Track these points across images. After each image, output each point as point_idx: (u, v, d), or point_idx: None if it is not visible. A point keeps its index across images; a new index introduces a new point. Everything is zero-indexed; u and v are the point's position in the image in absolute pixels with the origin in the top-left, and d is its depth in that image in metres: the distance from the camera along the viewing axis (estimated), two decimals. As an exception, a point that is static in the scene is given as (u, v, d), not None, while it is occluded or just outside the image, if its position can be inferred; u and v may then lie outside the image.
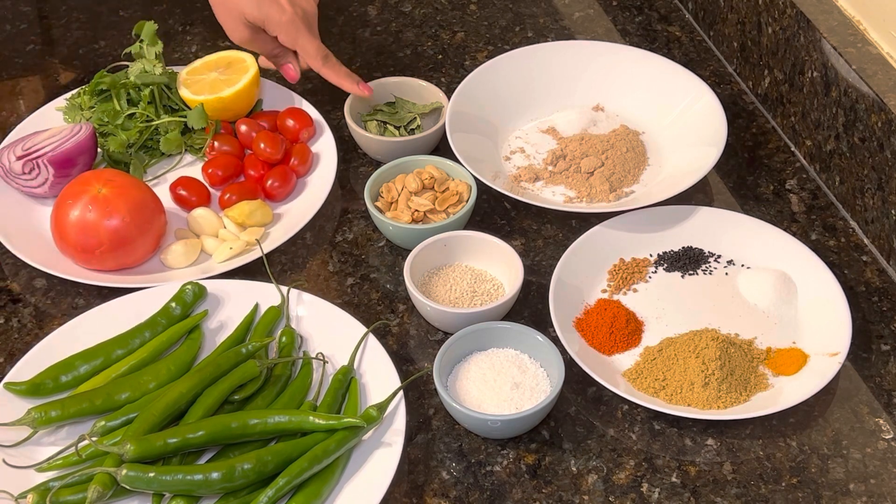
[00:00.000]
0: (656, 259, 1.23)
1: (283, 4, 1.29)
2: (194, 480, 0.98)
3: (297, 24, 1.29)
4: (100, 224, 1.18)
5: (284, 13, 1.28)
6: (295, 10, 1.29)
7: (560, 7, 1.60)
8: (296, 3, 1.30)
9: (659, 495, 1.03)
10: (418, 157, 1.29)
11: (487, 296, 1.17)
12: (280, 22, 1.29)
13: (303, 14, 1.30)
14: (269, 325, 1.14)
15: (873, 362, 1.13)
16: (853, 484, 1.03)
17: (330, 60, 1.33)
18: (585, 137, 1.35)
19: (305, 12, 1.31)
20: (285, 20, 1.29)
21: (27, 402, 1.07)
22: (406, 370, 1.14)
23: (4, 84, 1.50)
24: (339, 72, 1.33)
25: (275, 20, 1.28)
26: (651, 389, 1.09)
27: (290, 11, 1.28)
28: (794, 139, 1.36)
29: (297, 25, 1.29)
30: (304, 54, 1.32)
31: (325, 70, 1.32)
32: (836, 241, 1.26)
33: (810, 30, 1.28)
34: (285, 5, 1.28)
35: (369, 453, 1.04)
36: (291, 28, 1.29)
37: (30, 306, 1.21)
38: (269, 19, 1.28)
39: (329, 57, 1.33)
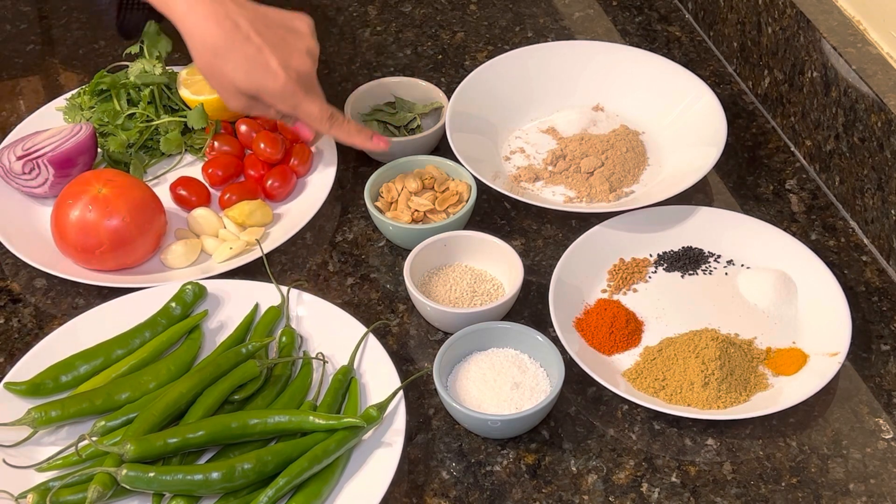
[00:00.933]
0: (656, 259, 1.23)
1: (275, 70, 1.16)
2: (194, 480, 0.98)
3: (294, 90, 1.17)
4: (100, 224, 1.18)
5: (277, 80, 1.16)
6: (288, 75, 1.16)
7: (560, 7, 1.60)
8: (289, 66, 1.17)
9: (659, 495, 1.03)
10: (418, 157, 1.29)
11: (487, 296, 1.17)
12: (274, 90, 1.17)
13: (297, 77, 1.17)
14: (269, 325, 1.14)
15: (873, 362, 1.13)
16: (853, 484, 1.03)
17: (336, 120, 1.22)
18: (585, 137, 1.35)
19: (301, 74, 1.18)
20: (279, 87, 1.16)
21: (27, 402, 1.07)
22: (406, 370, 1.14)
23: (4, 84, 1.50)
24: (350, 130, 1.23)
25: (269, 89, 1.17)
26: (651, 389, 1.09)
27: (283, 77, 1.16)
28: (794, 139, 1.36)
29: (294, 91, 1.17)
30: (308, 120, 1.21)
31: (333, 132, 1.22)
32: (836, 241, 1.26)
33: (810, 30, 1.28)
34: (277, 71, 1.16)
35: (369, 453, 1.04)
36: (288, 95, 1.17)
37: (30, 306, 1.21)
38: (262, 88, 1.17)
39: (335, 116, 1.21)
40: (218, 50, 1.15)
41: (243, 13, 1.16)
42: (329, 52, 1.53)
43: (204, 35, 1.15)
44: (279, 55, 1.16)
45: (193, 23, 1.15)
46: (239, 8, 1.16)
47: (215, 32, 1.15)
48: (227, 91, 1.18)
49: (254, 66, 1.15)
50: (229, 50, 1.15)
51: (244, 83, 1.16)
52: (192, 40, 1.16)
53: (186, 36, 1.16)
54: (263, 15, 1.18)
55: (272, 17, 1.19)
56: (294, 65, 1.17)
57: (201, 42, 1.15)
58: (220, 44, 1.15)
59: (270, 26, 1.17)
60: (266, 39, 1.16)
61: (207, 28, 1.15)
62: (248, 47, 1.15)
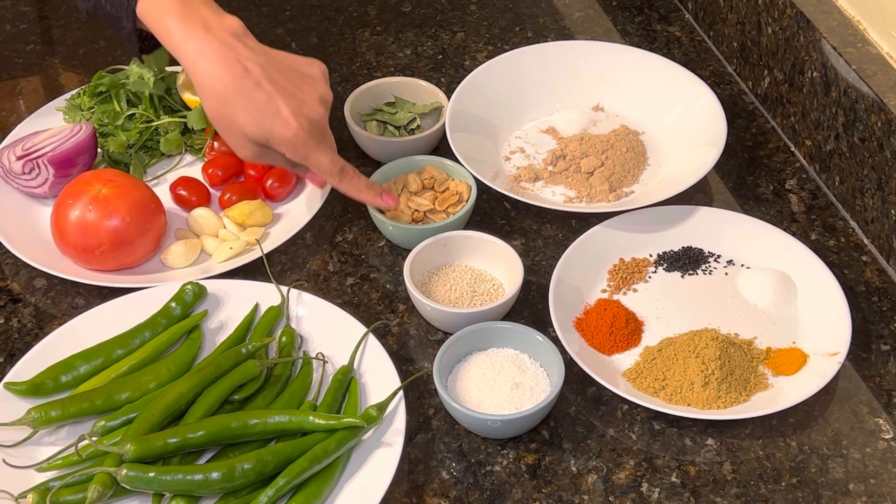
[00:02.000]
0: (656, 259, 1.23)
1: (287, 118, 1.11)
2: (194, 480, 0.98)
3: (305, 140, 1.12)
4: (100, 224, 1.18)
5: (289, 128, 1.11)
6: (300, 124, 1.11)
7: (560, 7, 1.60)
8: (301, 114, 1.11)
9: (659, 495, 1.03)
10: (418, 157, 1.29)
11: (487, 296, 1.17)
12: (285, 138, 1.11)
13: (309, 125, 1.12)
14: (269, 325, 1.14)
15: (873, 362, 1.13)
16: (853, 484, 1.03)
17: (346, 174, 1.17)
18: (585, 137, 1.35)
19: (313, 122, 1.12)
20: (290, 136, 1.11)
21: (27, 402, 1.07)
22: (406, 370, 1.14)
23: (4, 84, 1.50)
24: (359, 185, 1.18)
25: (279, 137, 1.11)
26: (651, 389, 1.09)
27: (295, 126, 1.11)
28: (794, 139, 1.36)
29: (305, 140, 1.12)
30: (318, 170, 1.16)
31: (342, 186, 1.18)
32: (835, 241, 1.26)
33: (810, 30, 1.28)
34: (289, 119, 1.10)
35: (369, 453, 1.04)
36: (298, 144, 1.12)
37: (30, 306, 1.21)
38: (272, 136, 1.12)
39: (345, 170, 1.17)
40: (228, 97, 1.10)
41: (255, 58, 1.11)
42: (329, 52, 1.53)
43: (213, 81, 1.10)
44: (291, 103, 1.11)
45: (203, 67, 1.10)
46: (250, 52, 1.11)
47: (225, 78, 1.10)
48: (236, 139, 1.14)
49: (264, 114, 1.11)
50: (239, 97, 1.10)
51: (254, 131, 1.11)
52: (201, 85, 1.11)
53: (195, 79, 1.12)
54: (275, 60, 1.13)
55: (284, 63, 1.14)
56: (306, 112, 1.12)
57: (210, 88, 1.11)
58: (229, 90, 1.10)
59: (283, 72, 1.13)
60: (277, 86, 1.11)
61: (217, 73, 1.10)
62: (258, 94, 1.10)
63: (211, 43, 1.10)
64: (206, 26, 1.11)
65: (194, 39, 1.10)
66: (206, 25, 1.11)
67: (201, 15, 1.11)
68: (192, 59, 1.11)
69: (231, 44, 1.11)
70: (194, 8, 1.12)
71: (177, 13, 1.11)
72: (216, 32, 1.11)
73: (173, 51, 1.12)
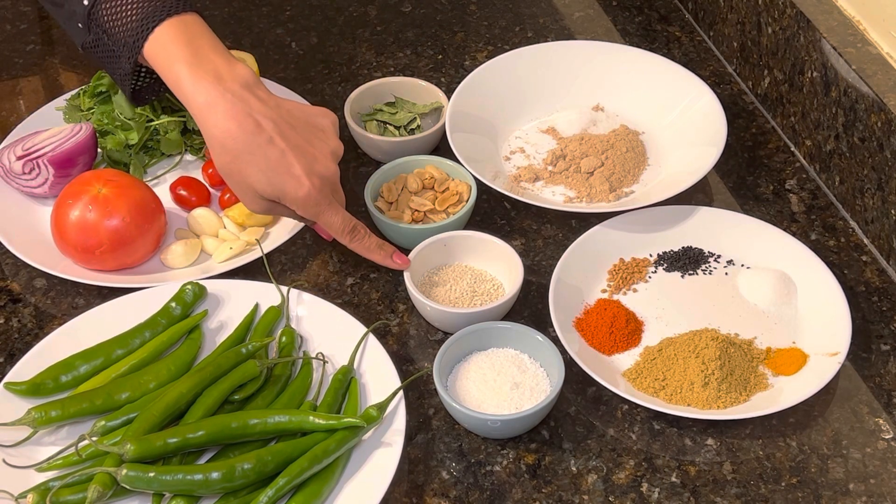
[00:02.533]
0: (656, 259, 1.23)
1: (299, 176, 1.08)
2: (194, 480, 0.98)
3: (316, 199, 1.09)
4: (100, 224, 1.18)
5: (301, 187, 1.08)
6: (313, 183, 1.08)
7: (560, 7, 1.60)
8: (313, 172, 1.09)
9: (659, 495, 1.03)
10: (418, 157, 1.29)
11: (487, 296, 1.17)
12: (297, 198, 1.09)
13: (321, 184, 1.09)
14: (269, 325, 1.14)
15: (873, 362, 1.13)
16: (853, 484, 1.03)
17: (357, 234, 1.14)
18: (585, 137, 1.35)
19: (325, 180, 1.10)
20: (302, 195, 1.09)
21: (27, 402, 1.07)
22: (406, 370, 1.14)
23: (4, 84, 1.50)
24: (369, 245, 1.16)
25: (290, 196, 1.09)
26: (651, 389, 1.09)
27: (308, 186, 1.08)
28: (794, 139, 1.36)
29: (317, 200, 1.09)
30: (329, 229, 1.13)
31: (353, 245, 1.15)
32: (835, 241, 1.26)
33: (810, 30, 1.28)
34: (301, 177, 1.08)
35: (369, 453, 1.04)
36: (310, 204, 1.10)
37: (30, 306, 1.21)
38: (284, 195, 1.09)
39: (356, 229, 1.14)
40: (239, 152, 1.07)
41: (266, 112, 1.08)
42: (329, 52, 1.53)
43: (224, 135, 1.07)
44: (303, 161, 1.08)
45: (214, 120, 1.07)
46: (262, 105, 1.08)
47: (236, 133, 1.06)
48: (246, 193, 1.11)
49: (276, 171, 1.08)
50: (251, 153, 1.07)
51: (265, 189, 1.09)
52: (211, 139, 1.08)
53: (205, 131, 1.08)
54: (287, 112, 1.10)
55: (296, 115, 1.11)
56: (318, 170, 1.09)
57: (221, 142, 1.07)
58: (240, 146, 1.07)
59: (295, 126, 1.10)
60: (290, 142, 1.08)
61: (228, 128, 1.06)
62: (270, 151, 1.07)
63: (222, 95, 1.07)
64: (217, 77, 1.07)
65: (205, 91, 1.06)
66: (218, 76, 1.07)
67: (212, 64, 1.08)
68: (202, 110, 1.07)
69: (243, 96, 1.07)
70: (205, 56, 1.08)
71: (187, 61, 1.07)
72: (227, 84, 1.07)
73: (183, 99, 1.09)
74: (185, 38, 1.08)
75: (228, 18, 1.59)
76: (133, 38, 1.09)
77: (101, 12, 1.11)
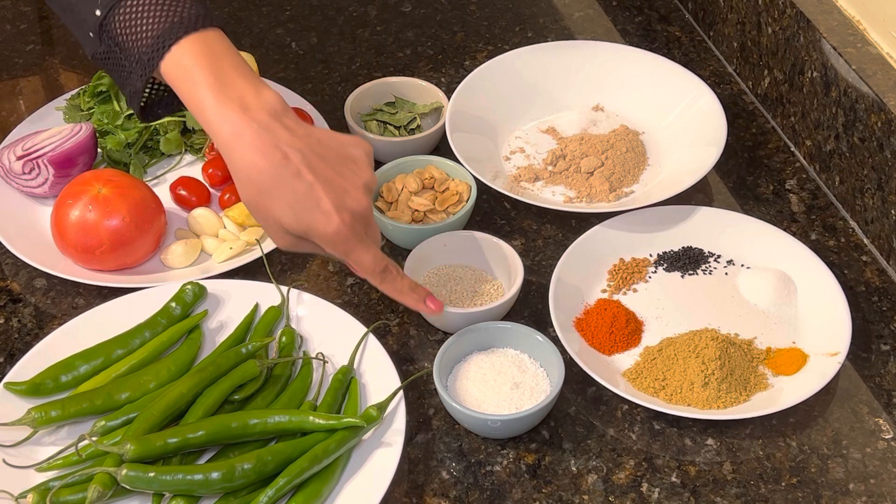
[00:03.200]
0: (656, 259, 1.23)
1: (328, 211, 1.00)
2: (194, 480, 0.98)
3: (346, 236, 1.01)
4: (100, 224, 1.18)
5: (330, 223, 1.00)
6: (342, 219, 1.00)
7: (560, 7, 1.60)
8: (343, 208, 1.00)
9: (659, 495, 1.03)
10: (418, 157, 1.29)
11: (487, 296, 1.17)
12: (325, 235, 1.01)
13: (352, 220, 1.01)
14: (269, 325, 1.14)
15: (873, 362, 1.13)
16: (853, 484, 1.03)
17: (389, 275, 1.07)
18: (585, 137, 1.35)
19: (356, 215, 1.02)
20: (331, 232, 1.01)
21: (27, 402, 1.07)
22: (406, 370, 1.14)
23: (4, 84, 1.50)
24: (402, 287, 1.08)
25: (319, 232, 1.01)
26: (651, 389, 1.09)
27: (337, 221, 1.00)
28: (794, 139, 1.36)
29: (346, 237, 1.01)
30: (359, 269, 1.06)
31: (384, 286, 1.08)
32: (835, 241, 1.26)
33: (810, 30, 1.28)
34: (330, 212, 1.00)
35: (369, 453, 1.04)
36: (339, 241, 1.02)
37: (30, 306, 1.21)
38: (312, 231, 1.01)
39: (388, 270, 1.07)
40: (265, 186, 1.00)
41: (295, 142, 1.00)
42: (329, 51, 1.53)
43: (250, 167, 1.00)
44: (333, 195, 1.00)
45: (239, 152, 1.00)
46: (290, 135, 1.00)
47: (262, 166, 0.99)
48: (273, 230, 1.04)
49: (304, 206, 1.00)
50: (278, 188, 1.00)
51: (292, 224, 1.01)
52: (236, 172, 1.01)
53: (230, 162, 1.01)
54: (318, 142, 1.02)
55: (327, 144, 1.03)
56: (349, 205, 1.01)
57: (246, 174, 1.00)
58: (266, 179, 1.00)
59: (325, 157, 1.02)
60: (319, 175, 1.00)
61: (254, 160, 0.99)
62: (298, 184, 0.99)
63: (248, 125, 0.99)
64: (242, 105, 1.00)
65: (230, 121, 0.99)
66: (244, 104, 1.00)
67: (238, 90, 1.00)
68: (227, 142, 1.00)
69: (270, 126, 1.00)
70: (231, 81, 1.00)
71: (211, 87, 1.00)
72: (254, 113, 1.00)
73: (206, 127, 1.02)
74: (207, 60, 1.01)
75: (228, 18, 1.59)
76: (148, 54, 1.02)
77: (114, 24, 1.04)
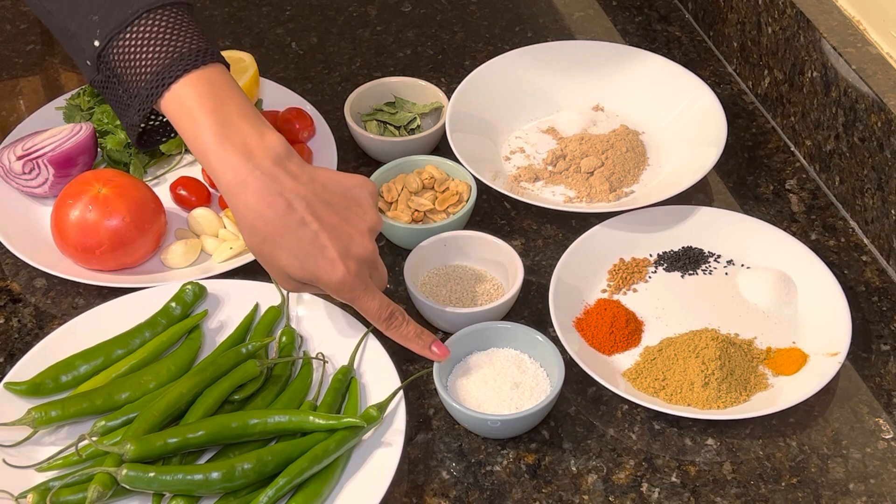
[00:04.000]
0: (656, 259, 1.23)
1: (334, 259, 1.00)
2: (194, 480, 0.98)
3: (352, 285, 1.01)
4: (100, 224, 1.18)
5: (336, 272, 1.00)
6: (348, 267, 1.00)
7: (560, 7, 1.60)
8: (349, 255, 1.01)
9: (659, 495, 1.03)
10: (418, 157, 1.29)
11: (487, 296, 1.17)
12: (331, 282, 1.01)
13: (357, 267, 1.01)
14: (270, 325, 1.14)
15: (873, 362, 1.13)
16: (853, 484, 1.03)
17: (395, 321, 1.07)
18: (585, 137, 1.35)
19: (361, 261, 1.02)
20: (336, 280, 1.01)
21: (27, 402, 1.07)
22: (406, 370, 1.14)
23: (4, 84, 1.50)
24: (407, 333, 1.08)
25: (324, 280, 1.01)
26: (651, 389, 1.09)
27: (342, 270, 1.00)
28: (794, 139, 1.36)
29: (352, 286, 1.02)
30: (365, 315, 1.06)
31: (389, 332, 1.08)
32: (835, 241, 1.26)
33: (810, 30, 1.28)
34: (336, 260, 1.00)
35: (369, 453, 1.04)
36: (345, 289, 1.02)
37: (30, 306, 1.21)
38: (317, 279, 1.01)
39: (394, 316, 1.06)
40: (269, 235, 0.99)
41: (299, 189, 0.99)
42: (329, 52, 1.53)
43: (254, 216, 0.99)
44: (338, 243, 1.00)
45: (242, 199, 0.99)
46: (294, 182, 0.99)
47: (266, 214, 0.98)
48: (279, 276, 1.04)
49: (309, 255, 1.00)
50: (282, 236, 0.99)
51: (298, 273, 1.01)
52: (241, 219, 1.00)
53: (234, 210, 1.00)
54: (322, 187, 1.01)
55: (331, 189, 1.02)
56: (354, 252, 1.01)
57: (251, 224, 0.99)
58: (271, 228, 0.99)
59: (329, 202, 1.01)
60: (324, 223, 1.00)
61: (258, 209, 0.98)
62: (303, 233, 0.99)
63: (252, 173, 0.98)
64: (246, 152, 0.98)
65: (233, 168, 0.98)
66: (247, 150, 0.98)
67: (241, 135, 0.99)
68: (230, 189, 0.99)
69: (274, 174, 0.98)
70: (234, 124, 0.99)
71: (214, 131, 0.98)
72: (257, 160, 0.98)
73: (208, 171, 1.00)
74: (209, 101, 0.99)
75: (228, 18, 1.59)
76: (147, 90, 1.00)
77: (112, 55, 1.01)
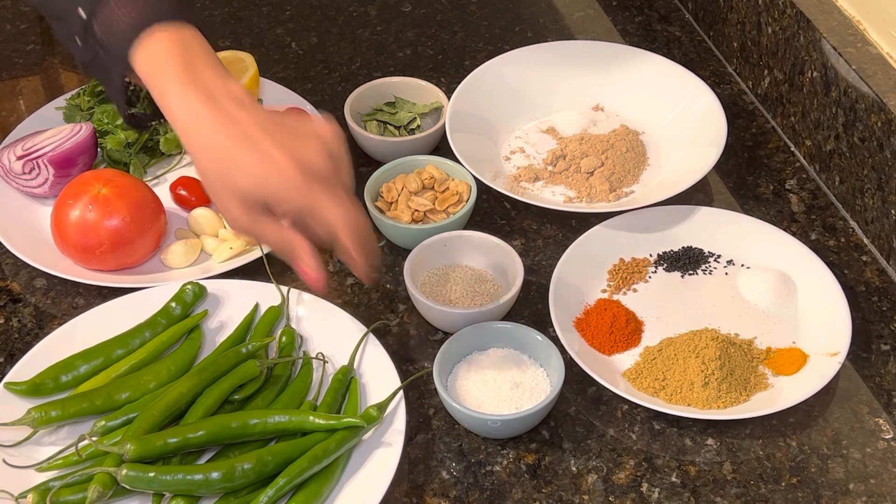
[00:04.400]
0: (656, 259, 1.23)
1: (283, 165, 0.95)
2: (194, 480, 0.98)
3: (308, 185, 0.96)
4: (100, 224, 1.18)
5: (286, 173, 0.95)
6: (300, 169, 0.95)
7: (560, 7, 1.60)
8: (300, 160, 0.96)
9: (659, 495, 1.03)
10: (418, 157, 1.29)
11: (487, 296, 1.17)
12: (281, 185, 0.96)
13: (312, 173, 0.96)
14: (270, 325, 1.14)
15: (873, 362, 1.13)
16: (853, 484, 1.03)
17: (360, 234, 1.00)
18: (585, 137, 1.35)
19: (315, 170, 0.97)
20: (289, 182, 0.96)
21: (27, 402, 1.07)
22: (406, 370, 1.14)
23: (4, 84, 1.50)
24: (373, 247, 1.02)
25: (273, 185, 0.96)
26: (651, 389, 1.09)
27: (293, 171, 0.95)
28: (794, 139, 1.36)
29: (309, 187, 0.96)
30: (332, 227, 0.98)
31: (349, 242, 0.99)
32: (835, 241, 1.26)
33: (810, 30, 1.28)
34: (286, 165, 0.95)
35: (369, 453, 1.04)
36: (302, 192, 0.96)
37: (30, 306, 1.21)
38: (269, 189, 0.96)
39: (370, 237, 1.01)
40: (223, 157, 0.97)
41: (256, 122, 0.98)
42: (329, 52, 1.53)
43: (210, 144, 0.97)
44: (288, 152, 0.96)
45: (201, 136, 0.98)
46: (251, 118, 0.98)
47: (221, 141, 0.97)
48: (231, 202, 0.98)
49: (260, 166, 0.96)
50: (235, 157, 0.97)
51: (253, 188, 0.96)
52: (196, 151, 0.98)
53: (190, 147, 0.99)
54: (280, 121, 0.99)
55: (291, 124, 1.00)
56: (308, 158, 0.96)
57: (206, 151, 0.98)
58: (225, 151, 0.97)
59: (286, 131, 0.98)
60: (275, 140, 0.96)
61: (215, 139, 0.97)
62: (256, 151, 0.96)
63: (212, 112, 0.97)
64: (207, 94, 0.98)
65: (194, 110, 0.97)
66: (209, 93, 0.98)
67: (204, 81, 0.98)
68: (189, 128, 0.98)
69: (234, 114, 0.98)
70: (200, 73, 0.99)
71: (179, 77, 0.98)
72: (218, 102, 0.98)
73: (169, 117, 0.99)
74: (180, 54, 0.99)
75: (228, 18, 1.59)
76: (123, 49, 1.00)
77: (97, 24, 1.01)
